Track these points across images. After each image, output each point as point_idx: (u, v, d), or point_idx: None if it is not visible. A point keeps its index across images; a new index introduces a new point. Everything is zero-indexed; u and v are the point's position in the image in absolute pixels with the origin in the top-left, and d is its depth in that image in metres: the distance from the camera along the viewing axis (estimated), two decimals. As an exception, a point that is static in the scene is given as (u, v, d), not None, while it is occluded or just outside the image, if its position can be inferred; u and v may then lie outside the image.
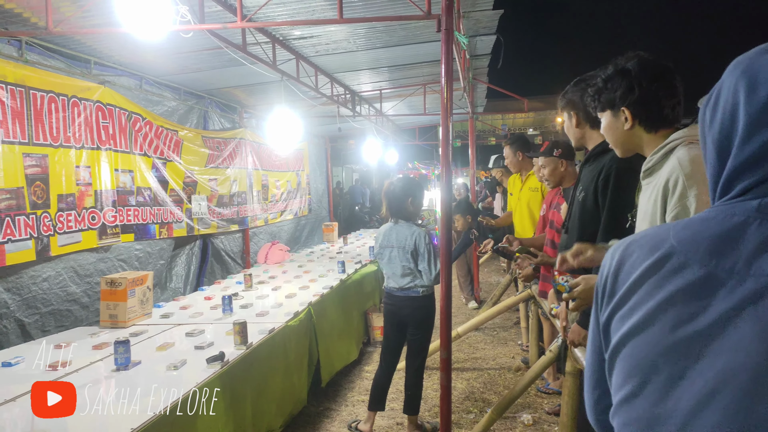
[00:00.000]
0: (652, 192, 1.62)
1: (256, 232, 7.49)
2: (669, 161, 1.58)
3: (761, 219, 0.61)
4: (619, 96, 1.66)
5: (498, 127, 16.11)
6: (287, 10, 4.05)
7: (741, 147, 0.64)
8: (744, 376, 0.55)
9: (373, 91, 7.81)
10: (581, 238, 2.36)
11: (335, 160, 14.29)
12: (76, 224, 4.09)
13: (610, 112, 1.71)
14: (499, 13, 5.01)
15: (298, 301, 4.18)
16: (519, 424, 3.77)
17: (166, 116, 5.39)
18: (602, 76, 1.71)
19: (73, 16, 3.55)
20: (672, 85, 1.65)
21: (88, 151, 4.23)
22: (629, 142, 1.72)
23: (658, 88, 1.64)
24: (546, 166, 3.49)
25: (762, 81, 0.63)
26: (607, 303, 0.74)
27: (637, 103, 1.64)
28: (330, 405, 4.16)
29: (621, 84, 1.65)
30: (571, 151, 3.51)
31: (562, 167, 3.45)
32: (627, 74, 1.65)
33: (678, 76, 1.66)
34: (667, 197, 1.56)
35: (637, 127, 1.67)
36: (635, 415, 0.65)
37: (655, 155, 1.63)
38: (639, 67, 1.64)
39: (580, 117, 2.42)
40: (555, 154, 3.45)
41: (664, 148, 1.61)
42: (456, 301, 7.60)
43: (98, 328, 3.57)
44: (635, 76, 1.63)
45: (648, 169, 1.67)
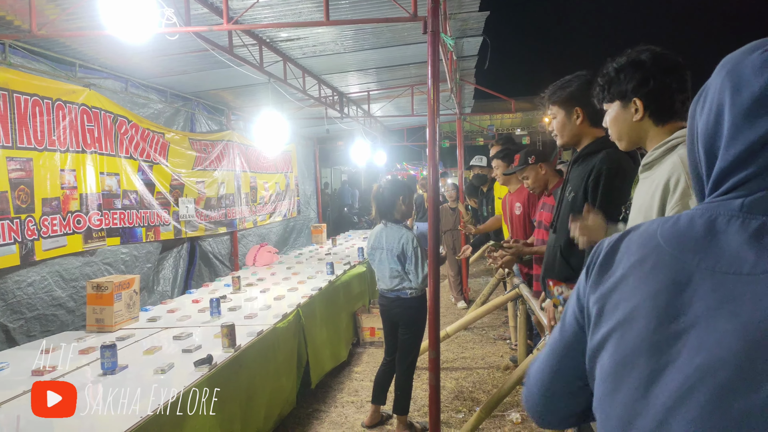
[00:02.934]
0: (650, 186, 1.62)
1: (244, 234, 7.46)
2: (670, 158, 1.58)
3: (744, 218, 0.62)
4: (632, 87, 1.66)
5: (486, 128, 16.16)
6: (274, 12, 4.04)
7: (727, 148, 0.65)
8: (721, 373, 0.56)
9: (361, 93, 7.82)
10: (569, 238, 2.38)
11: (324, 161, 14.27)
12: (61, 228, 4.06)
13: (620, 102, 1.71)
14: (486, 14, 5.04)
15: (286, 303, 4.17)
16: (508, 423, 3.79)
17: (152, 119, 5.36)
18: (614, 66, 1.70)
19: (57, 19, 3.52)
20: (684, 79, 1.66)
21: (73, 155, 4.20)
22: (635, 134, 1.72)
23: (671, 80, 1.64)
24: (528, 176, 3.52)
25: (745, 83, 0.64)
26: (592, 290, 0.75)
27: (649, 95, 1.64)
28: (319, 406, 4.16)
29: (635, 75, 1.65)
30: (543, 154, 3.54)
31: (542, 171, 3.48)
32: (641, 65, 1.65)
33: (688, 72, 1.66)
34: (667, 195, 1.56)
35: (646, 119, 1.67)
36: (616, 410, 0.66)
37: (657, 150, 1.63)
38: (653, 59, 1.64)
39: (586, 114, 2.37)
40: (531, 162, 3.48)
41: (667, 144, 1.61)
42: (445, 301, 7.62)
43: (84, 332, 3.54)
44: (650, 67, 1.63)
45: (648, 163, 1.67)
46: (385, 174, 15.10)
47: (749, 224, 0.62)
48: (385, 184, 3.84)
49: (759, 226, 0.61)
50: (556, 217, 2.51)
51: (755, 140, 0.62)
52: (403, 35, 5.00)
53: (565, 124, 2.44)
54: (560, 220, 2.46)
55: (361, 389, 4.47)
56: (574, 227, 1.98)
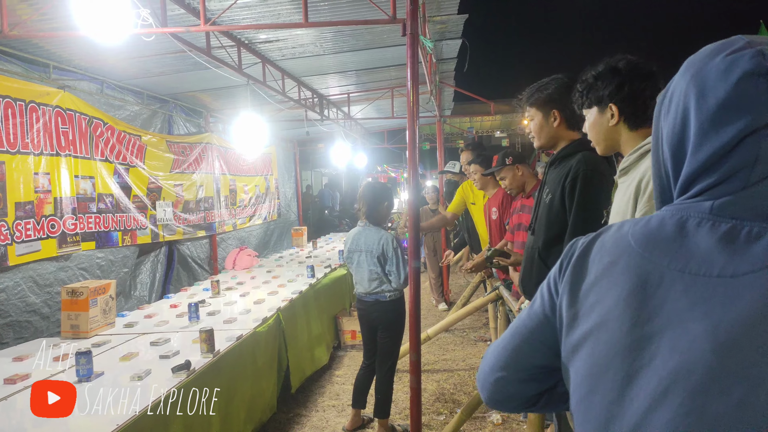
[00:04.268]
0: (626, 191, 1.68)
1: (224, 237, 7.39)
2: (644, 162, 1.64)
3: (714, 220, 0.63)
4: (609, 93, 1.71)
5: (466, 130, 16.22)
6: (252, 13, 4.01)
7: (694, 153, 0.66)
8: (695, 375, 0.57)
9: (341, 95, 7.80)
10: (547, 239, 2.40)
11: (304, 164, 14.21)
12: (35, 233, 3.97)
13: (597, 108, 1.76)
14: (464, 17, 5.06)
15: (266, 307, 4.14)
16: (488, 424, 3.81)
17: (128, 121, 5.28)
18: (593, 74, 1.76)
19: (30, 20, 3.45)
20: (657, 86, 1.72)
21: (47, 158, 4.11)
22: (611, 138, 1.78)
23: (645, 87, 1.70)
24: (505, 176, 3.55)
25: (710, 88, 0.64)
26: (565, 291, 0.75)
27: (624, 100, 1.69)
28: (300, 411, 4.13)
29: (612, 81, 1.71)
30: (521, 156, 3.57)
31: (519, 172, 3.52)
32: (618, 72, 1.70)
33: (662, 80, 1.72)
34: (638, 197, 1.61)
35: (621, 124, 1.73)
36: (593, 412, 0.66)
37: (632, 155, 1.68)
38: (629, 66, 1.70)
39: (563, 116, 2.39)
40: (508, 163, 3.51)
41: (641, 148, 1.66)
42: (426, 303, 7.64)
43: (59, 339, 3.47)
44: (625, 74, 1.69)
45: (624, 169, 1.72)
46: (366, 176, 15.10)
47: (719, 227, 0.62)
48: (376, 184, 3.87)
49: (728, 229, 0.61)
50: (534, 219, 2.53)
51: (721, 146, 0.63)
52: (382, 37, 5.00)
53: (542, 126, 2.45)
54: (538, 222, 2.48)
55: (343, 393, 4.45)
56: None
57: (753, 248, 0.59)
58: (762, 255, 0.58)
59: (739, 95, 0.61)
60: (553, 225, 2.37)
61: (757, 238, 0.59)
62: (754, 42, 0.64)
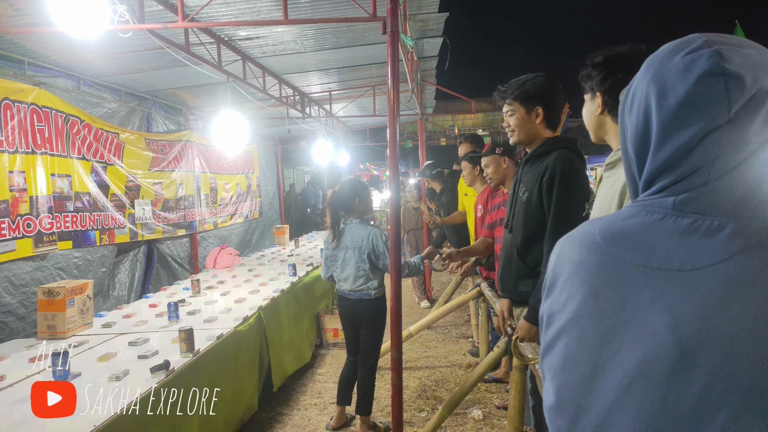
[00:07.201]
0: (612, 186, 1.69)
1: (204, 236, 7.33)
2: None
3: (676, 216, 0.64)
4: (597, 82, 1.74)
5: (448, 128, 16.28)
6: (231, 10, 3.98)
7: (656, 152, 0.67)
8: (656, 367, 0.58)
9: (323, 93, 7.78)
10: (525, 236, 2.42)
11: (286, 162, 14.14)
12: (10, 232, 3.90)
13: (590, 95, 1.79)
14: (445, 15, 5.08)
15: (247, 306, 4.12)
16: (470, 420, 3.83)
17: (106, 118, 5.21)
18: (591, 63, 1.79)
19: (4, 15, 3.39)
20: None
21: (23, 156, 4.04)
22: (599, 128, 1.80)
23: (629, 79, 1.72)
24: (489, 164, 3.58)
25: (670, 88, 0.65)
26: (546, 296, 0.77)
27: (608, 90, 1.71)
28: (282, 410, 4.12)
29: (601, 71, 1.73)
30: (511, 150, 3.60)
31: (504, 164, 3.54)
32: (606, 63, 1.73)
33: None
34: (624, 196, 1.62)
35: (607, 114, 1.75)
36: (566, 405, 0.68)
37: (619, 150, 1.70)
38: (616, 57, 1.72)
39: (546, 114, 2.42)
40: (498, 152, 3.55)
41: None
42: (409, 301, 7.65)
43: (36, 339, 3.42)
44: (611, 64, 1.71)
45: (610, 163, 1.74)
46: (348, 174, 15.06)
47: (680, 222, 0.64)
48: (345, 184, 3.80)
49: (689, 223, 0.63)
50: (511, 217, 2.54)
51: (683, 144, 0.64)
52: (363, 35, 5.00)
53: (524, 121, 2.44)
54: (515, 219, 2.49)
55: (325, 391, 4.45)
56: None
57: (712, 242, 0.60)
58: (721, 248, 0.59)
59: (698, 95, 0.63)
60: (531, 222, 2.39)
61: (717, 232, 0.61)
62: (711, 41, 0.65)
